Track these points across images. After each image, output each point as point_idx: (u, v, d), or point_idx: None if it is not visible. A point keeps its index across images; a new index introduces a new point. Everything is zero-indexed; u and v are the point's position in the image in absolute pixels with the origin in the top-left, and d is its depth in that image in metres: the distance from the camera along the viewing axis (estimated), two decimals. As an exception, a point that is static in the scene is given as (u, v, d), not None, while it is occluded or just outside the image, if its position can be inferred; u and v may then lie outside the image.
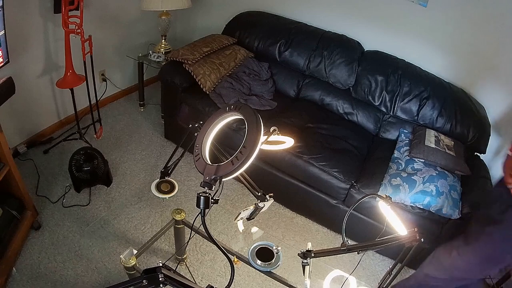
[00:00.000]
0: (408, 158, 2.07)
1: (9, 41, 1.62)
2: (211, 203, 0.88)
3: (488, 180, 2.06)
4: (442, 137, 2.16)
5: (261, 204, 1.31)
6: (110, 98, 2.99)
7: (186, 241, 1.69)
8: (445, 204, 1.80)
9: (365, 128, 2.47)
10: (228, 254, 0.96)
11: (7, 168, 1.63)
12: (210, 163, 0.91)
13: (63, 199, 2.10)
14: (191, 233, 1.18)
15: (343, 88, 2.52)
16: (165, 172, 1.54)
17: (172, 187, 1.56)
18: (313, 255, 1.30)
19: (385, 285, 1.21)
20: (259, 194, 1.31)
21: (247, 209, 1.34)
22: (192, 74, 2.31)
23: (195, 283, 1.09)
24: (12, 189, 1.77)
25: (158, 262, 0.97)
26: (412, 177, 1.90)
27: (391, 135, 2.42)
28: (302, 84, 2.65)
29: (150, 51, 2.76)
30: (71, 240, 1.90)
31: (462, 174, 2.01)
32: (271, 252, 1.44)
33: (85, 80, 2.31)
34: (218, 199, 0.88)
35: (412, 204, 1.87)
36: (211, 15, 3.18)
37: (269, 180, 2.21)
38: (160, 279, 0.87)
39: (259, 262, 1.40)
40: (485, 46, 2.20)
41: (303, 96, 2.63)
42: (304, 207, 2.28)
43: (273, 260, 1.41)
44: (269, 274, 1.42)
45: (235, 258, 1.46)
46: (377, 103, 2.42)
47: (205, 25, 3.22)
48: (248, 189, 1.31)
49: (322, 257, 1.32)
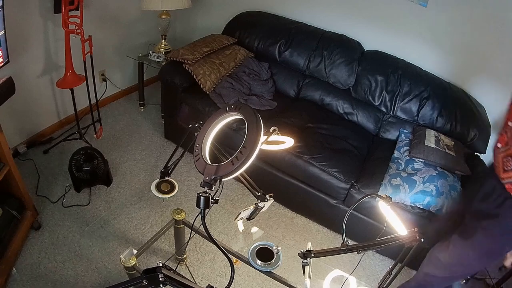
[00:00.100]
0: (408, 158, 2.07)
1: (9, 41, 1.62)
2: (211, 203, 0.88)
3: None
4: (442, 137, 2.16)
5: (261, 204, 1.31)
6: (110, 98, 2.99)
7: (186, 241, 1.69)
8: (445, 204, 1.80)
9: (365, 128, 2.48)
10: (228, 254, 0.96)
11: (7, 168, 1.63)
12: (210, 163, 0.91)
13: (63, 199, 2.10)
14: (191, 233, 1.17)
15: (343, 88, 2.53)
16: (165, 172, 1.54)
17: (172, 187, 1.56)
18: (313, 255, 1.30)
19: (385, 285, 1.21)
20: (259, 194, 1.31)
21: (247, 209, 1.34)
22: (192, 74, 2.31)
23: (195, 283, 1.09)
24: (12, 189, 1.77)
25: (158, 262, 0.97)
26: (412, 177, 1.90)
27: (391, 135, 2.42)
28: (302, 84, 2.65)
29: (150, 51, 2.76)
30: (71, 240, 1.90)
31: (462, 174, 2.01)
32: (271, 252, 1.44)
33: (85, 80, 2.31)
34: (218, 199, 0.88)
35: (412, 204, 1.87)
36: (211, 15, 3.18)
37: (269, 180, 2.22)
38: (160, 279, 0.87)
39: (259, 262, 1.40)
40: (485, 46, 2.20)
41: (303, 96, 2.63)
42: (304, 207, 2.28)
43: (273, 260, 1.41)
44: (269, 274, 1.42)
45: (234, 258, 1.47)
46: (377, 103, 2.42)
47: (205, 25, 3.22)
48: (248, 189, 1.30)
49: (322, 257, 1.32)
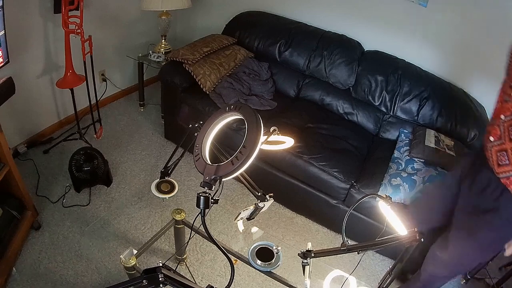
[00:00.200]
0: (408, 158, 2.07)
1: (9, 41, 1.62)
2: (211, 203, 0.88)
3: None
4: (442, 137, 2.16)
5: (261, 204, 1.31)
6: (110, 98, 2.99)
7: (186, 241, 1.69)
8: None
9: (365, 128, 2.47)
10: (228, 254, 0.96)
11: (7, 168, 1.63)
12: (210, 163, 0.90)
13: (63, 199, 2.10)
14: (191, 233, 1.17)
15: (343, 88, 2.53)
16: (165, 172, 1.54)
17: (172, 187, 1.55)
18: (313, 255, 1.30)
19: (385, 285, 1.21)
20: (259, 194, 1.31)
21: (247, 209, 1.34)
22: (192, 74, 2.31)
23: (195, 283, 1.09)
24: (12, 189, 1.77)
25: (158, 262, 0.97)
26: (412, 177, 1.90)
27: (391, 135, 2.42)
28: (302, 84, 2.65)
29: (150, 51, 2.76)
30: (71, 240, 1.90)
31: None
32: (271, 252, 1.44)
33: (85, 80, 2.31)
34: (218, 199, 0.88)
35: (412, 204, 1.87)
36: (211, 15, 3.18)
37: (269, 180, 2.22)
38: (160, 279, 0.87)
39: (259, 262, 1.40)
40: (485, 46, 2.20)
41: (303, 96, 2.63)
42: (304, 207, 2.28)
43: (273, 260, 1.41)
44: (269, 274, 1.42)
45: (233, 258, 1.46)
46: (377, 103, 2.42)
47: (205, 25, 3.22)
48: (248, 189, 1.30)
49: (322, 257, 1.32)
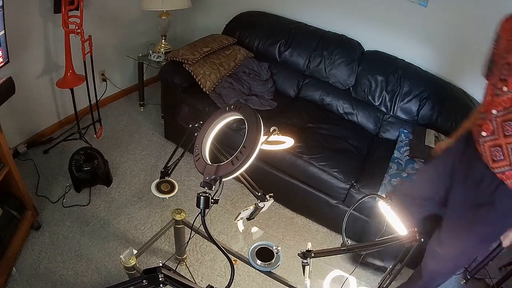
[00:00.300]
0: (408, 158, 2.07)
1: (9, 41, 1.62)
2: (211, 203, 0.88)
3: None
4: (442, 137, 2.16)
5: (261, 204, 1.31)
6: (110, 98, 2.99)
7: (186, 241, 1.69)
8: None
9: (365, 128, 2.47)
10: (228, 254, 0.96)
11: (7, 168, 1.63)
12: (210, 163, 0.90)
13: (63, 199, 2.10)
14: (191, 233, 1.17)
15: (343, 88, 2.53)
16: (165, 172, 1.54)
17: (172, 187, 1.55)
18: (313, 255, 1.29)
19: (385, 285, 1.21)
20: (259, 194, 1.31)
21: (247, 209, 1.34)
22: (192, 74, 2.31)
23: (195, 283, 1.09)
24: (12, 189, 1.77)
25: (158, 262, 0.97)
26: (412, 177, 1.90)
27: (391, 135, 2.41)
28: (302, 84, 2.65)
29: (150, 51, 2.76)
30: (71, 240, 1.90)
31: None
32: (271, 252, 1.44)
33: (85, 80, 2.31)
34: (218, 199, 0.88)
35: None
36: (211, 15, 3.18)
37: (269, 180, 2.21)
38: (160, 279, 0.87)
39: (259, 262, 1.40)
40: (485, 46, 2.17)
41: (303, 96, 2.63)
42: (304, 207, 2.28)
43: (273, 260, 1.41)
44: (269, 274, 1.42)
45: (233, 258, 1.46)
46: (377, 103, 2.42)
47: (205, 25, 3.22)
48: (248, 189, 1.30)
49: (322, 257, 1.32)
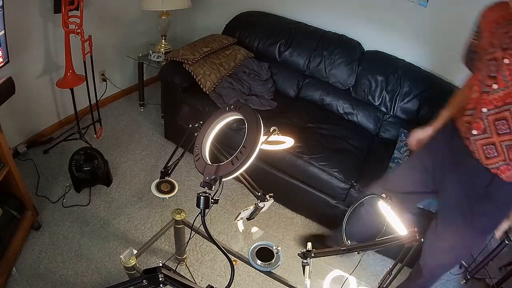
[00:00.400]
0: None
1: (9, 41, 1.62)
2: (211, 203, 0.88)
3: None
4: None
5: (261, 204, 1.31)
6: (110, 98, 2.99)
7: (186, 241, 1.69)
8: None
9: (365, 128, 2.47)
10: (228, 254, 0.96)
11: (7, 168, 1.63)
12: (210, 163, 0.90)
13: (63, 199, 2.10)
14: (191, 233, 1.17)
15: (343, 88, 2.53)
16: (165, 172, 1.54)
17: (172, 187, 1.55)
18: (313, 255, 1.29)
19: (385, 285, 1.21)
20: (259, 194, 1.31)
21: (247, 209, 1.34)
22: (192, 74, 2.31)
23: (195, 283, 1.09)
24: (12, 189, 1.77)
25: (158, 262, 0.97)
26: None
27: (391, 135, 2.41)
28: (302, 84, 2.65)
29: (150, 51, 2.76)
30: (71, 240, 1.90)
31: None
32: (271, 252, 1.44)
33: (85, 80, 2.31)
34: (218, 199, 0.88)
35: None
36: (211, 15, 3.18)
37: (269, 180, 2.21)
38: (160, 279, 0.87)
39: (259, 262, 1.40)
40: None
41: (303, 96, 2.63)
42: (304, 207, 2.28)
43: (273, 260, 1.41)
44: (269, 274, 1.42)
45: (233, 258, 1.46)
46: (377, 103, 2.42)
47: (205, 25, 3.22)
48: (248, 189, 1.30)
49: (322, 257, 1.32)
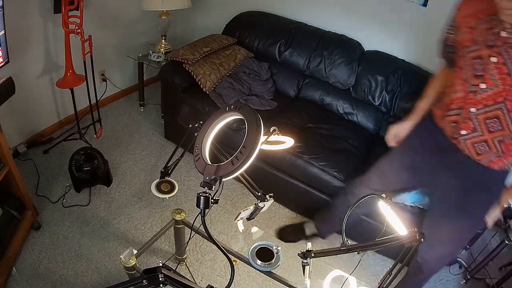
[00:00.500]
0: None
1: (9, 41, 1.62)
2: (211, 203, 0.88)
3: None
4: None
5: (261, 204, 1.31)
6: (110, 98, 2.99)
7: (186, 241, 1.69)
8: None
9: (365, 128, 2.47)
10: (228, 254, 0.96)
11: (7, 168, 1.63)
12: (210, 163, 0.90)
13: (63, 199, 2.10)
14: (191, 233, 1.17)
15: (343, 88, 2.53)
16: (165, 172, 1.54)
17: (172, 187, 1.55)
18: (313, 255, 1.30)
19: (385, 285, 1.21)
20: (259, 194, 1.31)
21: (247, 209, 1.34)
22: (192, 74, 2.31)
23: (195, 283, 1.09)
24: (12, 189, 1.77)
25: (158, 262, 0.97)
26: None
27: (391, 135, 2.41)
28: (302, 84, 2.65)
29: (150, 51, 2.76)
30: (71, 240, 1.90)
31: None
32: (271, 252, 1.44)
33: (85, 80, 2.31)
34: (218, 199, 0.88)
35: (412, 204, 1.87)
36: (211, 15, 3.18)
37: (269, 180, 2.21)
38: (160, 279, 0.87)
39: (259, 262, 1.40)
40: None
41: (303, 96, 2.63)
42: (304, 207, 2.28)
43: (273, 260, 1.41)
44: (269, 274, 1.42)
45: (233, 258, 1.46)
46: (377, 103, 2.42)
47: (205, 25, 3.22)
48: (248, 189, 1.30)
49: (322, 257, 1.32)
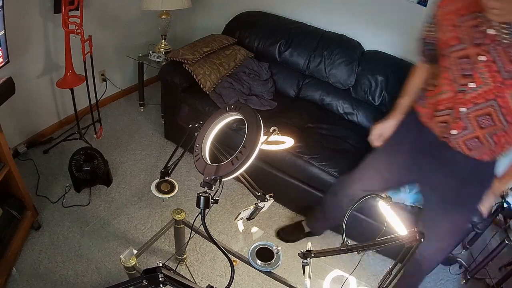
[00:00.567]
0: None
1: (9, 41, 1.62)
2: (211, 203, 0.88)
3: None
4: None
5: (261, 204, 1.31)
6: (110, 98, 2.99)
7: (186, 241, 1.69)
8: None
9: (365, 128, 2.47)
10: (228, 254, 0.96)
11: (7, 168, 1.63)
12: (210, 163, 0.90)
13: (63, 199, 2.10)
14: (191, 233, 1.17)
15: (343, 88, 2.52)
16: (165, 172, 1.54)
17: (172, 187, 1.55)
18: (313, 255, 1.30)
19: (385, 285, 1.21)
20: (259, 194, 1.31)
21: (247, 209, 1.34)
22: (192, 74, 2.31)
23: (195, 283, 1.09)
24: (12, 189, 1.77)
25: (158, 262, 0.97)
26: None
27: (391, 135, 2.41)
28: (302, 84, 2.65)
29: (150, 51, 2.76)
30: (71, 240, 1.90)
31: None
32: (271, 252, 1.44)
33: (85, 80, 2.31)
34: (218, 199, 0.88)
35: (412, 204, 1.87)
36: (211, 15, 3.18)
37: (269, 180, 2.21)
38: (160, 279, 0.87)
39: (259, 262, 1.40)
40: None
41: (303, 96, 2.63)
42: (304, 207, 2.28)
43: (273, 260, 1.41)
44: (269, 274, 1.42)
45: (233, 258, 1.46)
46: (377, 103, 2.42)
47: (205, 25, 3.22)
48: (248, 189, 1.30)
49: (322, 257, 1.32)
